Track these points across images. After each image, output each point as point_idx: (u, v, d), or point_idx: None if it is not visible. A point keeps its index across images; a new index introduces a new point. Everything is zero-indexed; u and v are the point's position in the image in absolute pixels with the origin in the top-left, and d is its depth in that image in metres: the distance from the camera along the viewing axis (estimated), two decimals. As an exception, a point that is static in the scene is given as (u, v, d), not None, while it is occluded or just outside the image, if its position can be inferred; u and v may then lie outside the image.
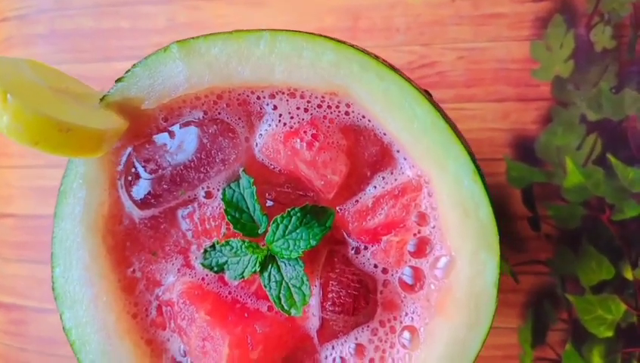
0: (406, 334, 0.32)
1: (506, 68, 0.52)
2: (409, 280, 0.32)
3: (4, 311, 0.60)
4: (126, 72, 0.32)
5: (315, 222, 0.31)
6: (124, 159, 0.34)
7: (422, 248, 0.32)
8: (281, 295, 0.32)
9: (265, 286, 0.32)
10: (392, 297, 0.33)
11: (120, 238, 0.35)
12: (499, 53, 0.52)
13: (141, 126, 0.34)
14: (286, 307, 0.31)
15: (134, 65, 0.32)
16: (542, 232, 0.52)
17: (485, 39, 0.52)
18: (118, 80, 0.33)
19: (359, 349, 0.33)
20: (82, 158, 0.32)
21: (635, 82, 0.50)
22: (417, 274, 0.32)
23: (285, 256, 0.31)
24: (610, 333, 0.51)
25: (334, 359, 0.33)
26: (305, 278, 0.31)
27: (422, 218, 0.31)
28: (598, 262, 0.51)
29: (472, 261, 0.29)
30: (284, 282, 0.32)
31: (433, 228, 0.31)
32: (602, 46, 0.51)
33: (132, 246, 0.35)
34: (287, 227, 0.31)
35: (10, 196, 0.60)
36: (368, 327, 0.33)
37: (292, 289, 0.32)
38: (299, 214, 0.31)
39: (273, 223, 0.32)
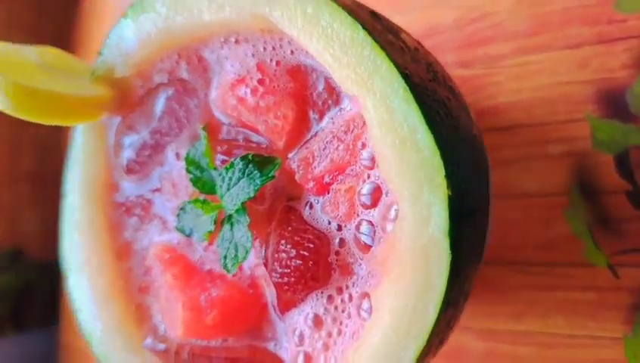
0: (365, 303, 0.27)
1: (579, 5, 0.41)
2: (364, 238, 0.27)
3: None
4: (103, 45, 0.34)
5: (257, 173, 0.28)
6: (114, 129, 0.36)
7: (373, 196, 0.26)
8: (228, 254, 0.29)
9: (218, 247, 0.30)
10: (348, 259, 0.27)
11: (117, 206, 0.37)
12: (567, -12, 0.42)
13: (127, 96, 0.36)
14: (229, 266, 0.29)
15: (107, 37, 0.34)
16: (649, 210, 0.39)
17: (546, -25, 0.42)
18: (99, 53, 0.35)
19: (317, 321, 0.28)
20: (61, 123, 0.34)
21: None
22: (372, 229, 0.26)
23: (229, 210, 0.29)
24: None
25: (294, 331, 0.29)
26: (248, 234, 0.28)
27: (372, 161, 0.26)
28: None
29: (414, 204, 0.23)
30: (233, 240, 0.29)
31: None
32: None
33: (125, 212, 0.36)
34: (230, 179, 0.29)
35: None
36: (322, 293, 0.28)
37: (239, 247, 0.29)
38: (241, 165, 0.29)
39: (219, 176, 0.30)
